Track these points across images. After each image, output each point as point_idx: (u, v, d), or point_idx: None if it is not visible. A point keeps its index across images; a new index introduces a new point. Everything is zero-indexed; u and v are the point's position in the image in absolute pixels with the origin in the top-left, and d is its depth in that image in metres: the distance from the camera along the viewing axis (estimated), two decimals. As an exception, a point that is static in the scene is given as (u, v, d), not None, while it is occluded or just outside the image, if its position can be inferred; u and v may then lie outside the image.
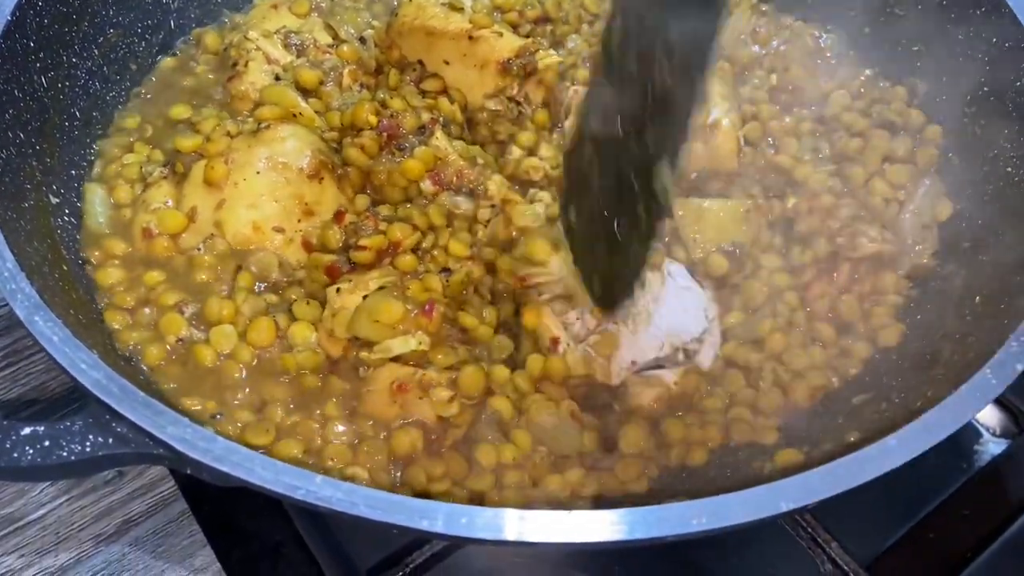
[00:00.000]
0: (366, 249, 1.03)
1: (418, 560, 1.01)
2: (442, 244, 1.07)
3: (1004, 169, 1.10)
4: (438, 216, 1.08)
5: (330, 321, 0.98)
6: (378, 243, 1.04)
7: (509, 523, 0.69)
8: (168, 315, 1.01)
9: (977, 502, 1.12)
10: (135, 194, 1.12)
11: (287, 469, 0.71)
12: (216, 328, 1.00)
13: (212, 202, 1.07)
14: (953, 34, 1.20)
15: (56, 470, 0.77)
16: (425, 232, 1.07)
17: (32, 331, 0.79)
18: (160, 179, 1.12)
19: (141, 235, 1.07)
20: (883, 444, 0.75)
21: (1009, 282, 0.97)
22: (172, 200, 1.09)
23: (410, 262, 1.04)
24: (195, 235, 1.07)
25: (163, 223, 1.07)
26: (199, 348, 0.99)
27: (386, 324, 0.96)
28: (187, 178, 1.09)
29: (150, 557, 1.06)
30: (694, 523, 0.69)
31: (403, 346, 0.96)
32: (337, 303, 0.99)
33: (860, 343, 1.07)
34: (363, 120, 1.15)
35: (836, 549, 1.01)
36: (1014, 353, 0.82)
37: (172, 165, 1.12)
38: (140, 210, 1.09)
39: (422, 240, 1.06)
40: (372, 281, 0.99)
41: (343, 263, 1.04)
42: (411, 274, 1.03)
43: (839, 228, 1.12)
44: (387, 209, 1.10)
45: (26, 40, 1.04)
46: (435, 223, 1.08)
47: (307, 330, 1.00)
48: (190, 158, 1.10)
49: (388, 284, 0.99)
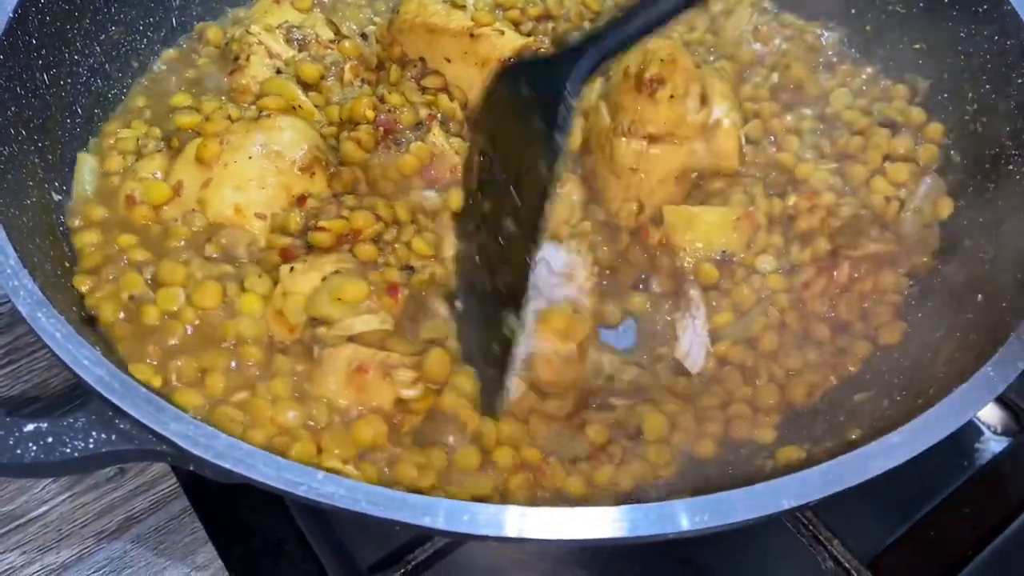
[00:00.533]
0: (326, 231, 1.01)
1: (420, 557, 1.01)
2: (404, 240, 1.06)
3: (1006, 167, 1.10)
4: (403, 211, 1.08)
5: (280, 300, 0.97)
6: (339, 227, 1.02)
7: (510, 519, 0.69)
8: (128, 273, 1.00)
9: (978, 500, 1.12)
10: (126, 164, 1.13)
11: (289, 466, 0.71)
12: (164, 288, 0.99)
13: (200, 179, 1.07)
14: (955, 31, 1.20)
15: (59, 467, 0.77)
16: (388, 224, 1.06)
17: (35, 328, 0.79)
18: (155, 152, 1.12)
19: (124, 202, 1.07)
20: (885, 442, 0.75)
21: (1011, 280, 0.97)
22: (162, 173, 1.09)
23: (370, 251, 1.01)
24: (177, 208, 1.07)
25: (148, 193, 1.07)
26: (146, 306, 0.97)
27: (349, 303, 0.95)
28: (181, 153, 1.09)
29: (152, 554, 1.06)
30: (696, 520, 0.69)
31: (365, 324, 0.94)
32: (289, 282, 0.97)
33: (859, 341, 1.07)
34: (361, 114, 1.15)
35: (837, 547, 1.01)
36: (1016, 351, 0.82)
37: (169, 140, 1.13)
38: (128, 178, 1.10)
39: (384, 231, 1.05)
40: (328, 264, 0.98)
41: (300, 247, 1.03)
42: (369, 264, 1.01)
43: (840, 227, 1.12)
44: (352, 199, 1.08)
45: (28, 37, 1.03)
46: (400, 217, 1.07)
47: (256, 302, 0.99)
48: (187, 135, 1.10)
49: (343, 270, 0.97)
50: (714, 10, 1.44)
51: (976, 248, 1.09)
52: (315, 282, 0.97)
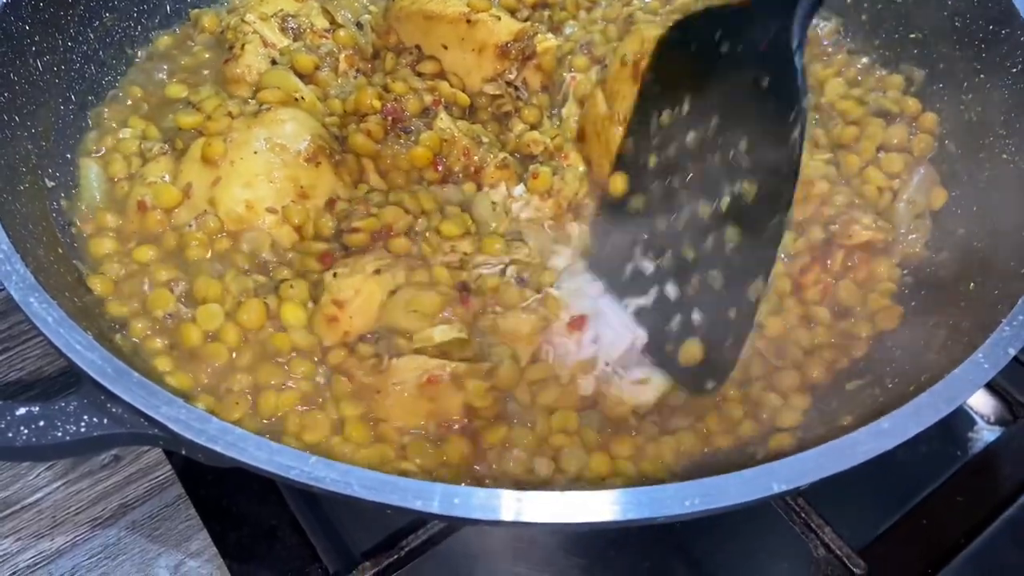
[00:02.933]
0: (360, 231, 1.03)
1: (413, 543, 1.01)
2: (434, 226, 1.07)
3: (1000, 156, 1.10)
4: (428, 201, 1.08)
5: (331, 308, 0.98)
6: (372, 225, 1.04)
7: (505, 503, 0.69)
8: (157, 291, 1.00)
9: (970, 489, 1.13)
10: (131, 169, 1.12)
11: (281, 449, 0.71)
12: (203, 307, 0.99)
13: (208, 179, 1.07)
14: (950, 21, 1.20)
15: (51, 450, 0.77)
16: (417, 216, 1.07)
17: (27, 312, 0.79)
18: (160, 154, 1.12)
19: (136, 208, 1.07)
20: (875, 427, 0.75)
21: (1002, 269, 0.97)
22: (169, 175, 1.09)
23: (403, 244, 1.03)
24: (189, 211, 1.07)
25: (158, 197, 1.07)
26: (186, 327, 0.98)
27: (425, 313, 0.96)
28: (185, 154, 1.09)
29: (146, 541, 1.06)
30: (687, 504, 0.69)
31: (444, 334, 0.96)
32: (335, 288, 0.98)
33: (861, 322, 1.07)
34: (367, 105, 1.15)
35: (829, 534, 1.02)
36: (1006, 338, 0.82)
37: (172, 141, 1.13)
38: (136, 183, 1.10)
39: (414, 223, 1.06)
40: (369, 264, 0.99)
41: (337, 250, 1.04)
42: (406, 257, 1.02)
43: (833, 215, 1.12)
44: (378, 195, 1.10)
45: (21, 23, 1.03)
46: (426, 208, 1.08)
47: (298, 310, 0.99)
48: (190, 135, 1.11)
49: (383, 267, 0.98)
50: (712, 0, 1.44)
51: (969, 237, 1.10)
52: (360, 284, 0.97)
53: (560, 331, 1.00)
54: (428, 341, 0.95)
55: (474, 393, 0.93)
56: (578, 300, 1.03)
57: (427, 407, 0.94)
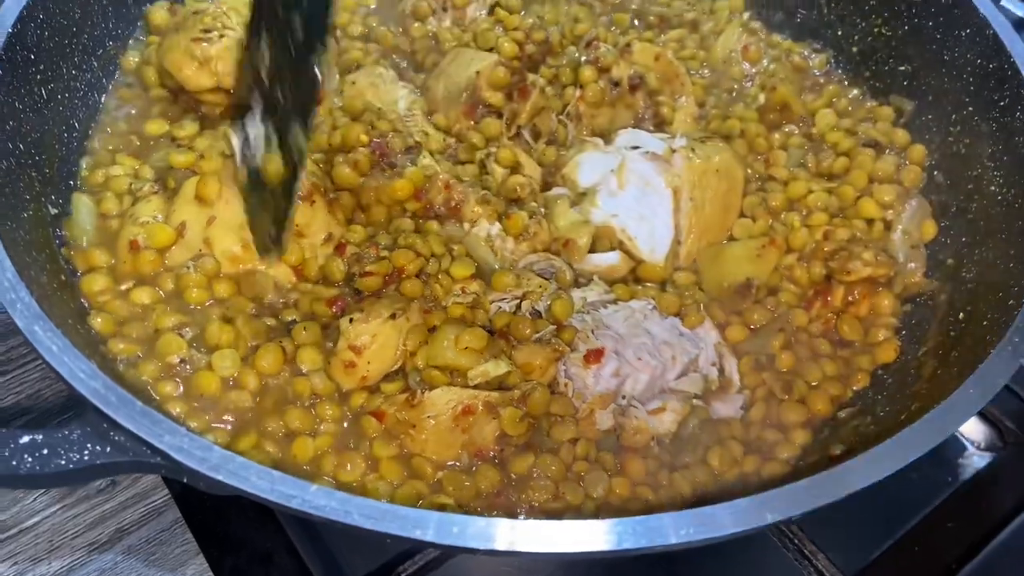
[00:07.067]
0: (373, 275, 1.04)
1: (410, 570, 1.02)
2: (444, 268, 1.08)
3: (988, 188, 1.12)
4: (438, 244, 1.10)
5: (347, 354, 0.98)
6: (384, 268, 1.04)
7: (500, 532, 0.70)
8: (167, 337, 0.99)
9: (962, 515, 1.13)
10: (122, 206, 1.11)
11: (283, 478, 0.72)
12: (219, 353, 0.99)
13: (202, 218, 1.05)
14: (939, 55, 1.23)
15: (54, 478, 0.77)
16: (428, 258, 1.08)
17: (32, 340, 0.80)
18: (150, 194, 1.11)
19: (128, 247, 1.05)
20: (868, 456, 0.76)
21: (991, 299, 0.99)
22: (161, 215, 1.07)
23: (416, 287, 1.04)
24: (184, 251, 1.06)
25: (151, 236, 1.05)
26: (203, 374, 0.97)
27: (476, 350, 0.97)
28: (178, 193, 1.08)
29: (143, 565, 1.06)
30: (681, 533, 0.70)
31: (496, 368, 0.98)
32: (352, 334, 0.98)
33: (861, 356, 1.09)
34: (354, 139, 1.17)
35: (823, 561, 1.03)
36: (996, 368, 0.84)
37: (163, 180, 1.12)
38: (128, 223, 1.08)
39: (425, 265, 1.07)
40: (384, 310, 0.99)
41: (348, 294, 1.05)
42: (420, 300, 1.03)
43: (833, 250, 1.13)
44: (386, 239, 1.11)
45: (26, 52, 1.05)
46: (436, 251, 1.09)
47: (315, 353, 1.00)
48: (182, 174, 1.10)
49: (397, 311, 0.99)
50: (704, 29, 1.47)
51: (959, 268, 1.11)
52: (377, 329, 0.98)
53: (576, 363, 1.01)
54: (484, 376, 0.97)
55: (508, 420, 0.95)
56: (601, 332, 1.04)
57: (461, 439, 0.95)
